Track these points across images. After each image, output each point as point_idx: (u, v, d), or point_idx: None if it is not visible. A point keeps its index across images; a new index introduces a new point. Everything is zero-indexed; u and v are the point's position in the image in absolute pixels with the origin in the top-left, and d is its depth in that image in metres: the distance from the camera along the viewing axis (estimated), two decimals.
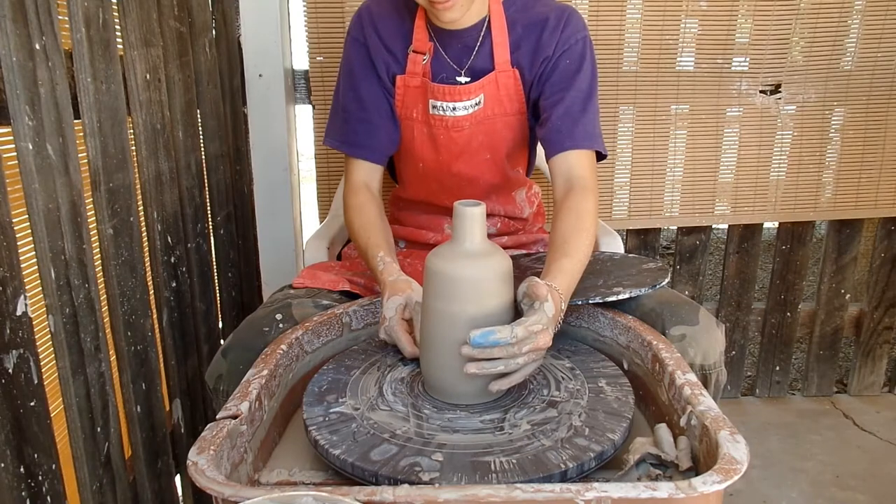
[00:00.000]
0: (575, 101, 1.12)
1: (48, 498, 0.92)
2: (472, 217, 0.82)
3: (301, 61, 1.74)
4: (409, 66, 1.17)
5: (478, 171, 1.22)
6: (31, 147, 0.87)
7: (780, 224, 1.97)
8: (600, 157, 1.15)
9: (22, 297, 0.85)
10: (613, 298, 0.97)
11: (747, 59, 1.76)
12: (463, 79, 1.16)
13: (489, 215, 1.29)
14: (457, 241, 0.83)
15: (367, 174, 1.21)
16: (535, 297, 0.83)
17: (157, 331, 1.25)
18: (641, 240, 1.94)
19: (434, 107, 1.17)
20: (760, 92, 1.79)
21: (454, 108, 1.16)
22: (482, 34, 1.15)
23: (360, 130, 1.19)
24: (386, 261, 1.06)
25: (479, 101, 1.17)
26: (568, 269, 0.94)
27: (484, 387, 0.83)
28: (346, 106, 1.21)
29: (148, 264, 1.23)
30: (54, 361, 0.96)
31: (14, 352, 0.84)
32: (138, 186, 1.20)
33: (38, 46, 0.87)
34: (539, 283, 0.84)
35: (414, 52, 1.17)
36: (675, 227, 1.96)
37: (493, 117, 1.18)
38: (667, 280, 1.03)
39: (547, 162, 1.13)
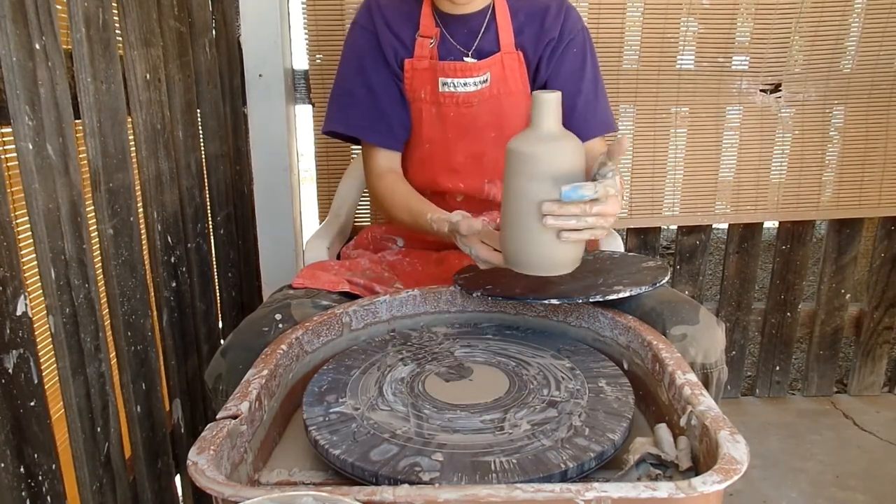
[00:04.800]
0: (589, 91, 1.22)
1: (48, 498, 0.92)
2: (548, 102, 0.88)
3: (301, 61, 1.74)
4: (417, 49, 1.22)
5: (483, 148, 1.25)
6: (31, 147, 0.87)
7: (780, 224, 1.97)
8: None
9: (22, 297, 0.85)
10: (614, 297, 0.97)
11: (747, 58, 1.76)
12: (470, 60, 1.22)
13: (492, 202, 1.31)
14: (535, 127, 0.89)
15: (389, 160, 1.26)
16: (618, 152, 0.87)
17: (157, 331, 1.25)
18: (641, 239, 1.94)
19: (444, 84, 1.22)
20: (761, 91, 1.79)
21: (465, 84, 1.22)
22: (487, 20, 1.22)
23: (373, 117, 1.23)
24: (434, 218, 1.09)
25: (486, 80, 1.22)
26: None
27: (562, 255, 0.90)
28: (354, 92, 1.24)
29: (148, 264, 1.23)
30: (54, 361, 0.96)
31: (14, 352, 0.84)
32: (138, 186, 1.20)
33: (38, 46, 0.87)
34: (622, 140, 0.88)
35: (421, 36, 1.22)
36: (675, 228, 1.96)
37: (498, 96, 1.23)
38: (667, 278, 1.03)
39: None
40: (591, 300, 0.97)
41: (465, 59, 1.22)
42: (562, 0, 1.24)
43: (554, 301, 0.97)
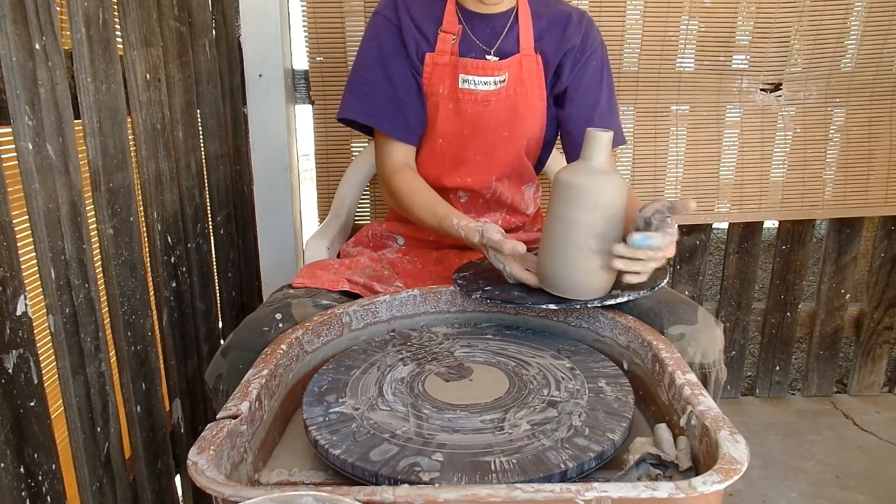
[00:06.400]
0: (604, 104, 1.26)
1: (48, 498, 0.92)
2: (601, 140, 0.93)
3: (301, 61, 1.74)
4: (439, 44, 1.24)
5: (494, 146, 1.26)
6: (31, 147, 0.87)
7: (780, 224, 1.97)
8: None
9: (22, 297, 0.85)
10: (612, 302, 0.97)
11: (748, 58, 1.76)
12: (491, 58, 1.23)
13: (497, 201, 1.32)
14: (585, 160, 0.95)
15: (405, 155, 1.27)
16: (682, 211, 0.92)
17: (157, 331, 1.25)
18: None
19: (465, 80, 1.23)
20: (761, 90, 1.79)
21: (485, 82, 1.23)
22: (510, 21, 1.24)
23: (392, 108, 1.24)
24: (461, 225, 1.10)
25: (504, 79, 1.23)
26: None
27: (597, 282, 0.95)
28: (373, 81, 1.24)
29: (148, 264, 1.23)
30: (54, 361, 0.96)
31: (14, 352, 0.84)
32: (138, 186, 1.20)
33: (38, 46, 0.87)
34: (689, 203, 0.92)
35: (444, 32, 1.23)
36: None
37: (514, 97, 1.24)
38: (666, 280, 1.03)
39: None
40: (589, 306, 0.97)
41: (486, 57, 1.23)
42: (582, 12, 1.28)
43: (552, 306, 0.97)
